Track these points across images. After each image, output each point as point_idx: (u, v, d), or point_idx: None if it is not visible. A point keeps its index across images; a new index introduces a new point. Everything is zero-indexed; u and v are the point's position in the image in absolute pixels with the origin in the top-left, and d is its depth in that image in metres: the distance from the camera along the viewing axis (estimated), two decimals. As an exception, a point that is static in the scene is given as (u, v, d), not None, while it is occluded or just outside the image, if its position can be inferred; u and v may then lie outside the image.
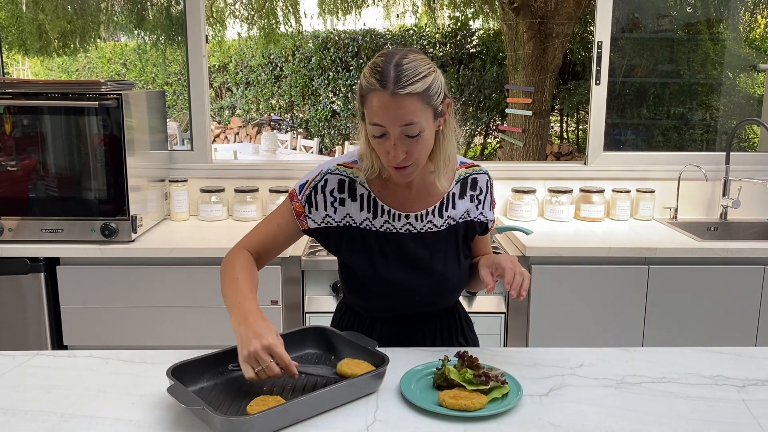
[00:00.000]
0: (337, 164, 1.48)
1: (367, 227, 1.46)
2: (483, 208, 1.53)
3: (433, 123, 1.35)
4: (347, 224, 1.47)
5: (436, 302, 1.54)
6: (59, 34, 6.38)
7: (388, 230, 1.46)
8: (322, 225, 1.47)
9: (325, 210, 1.46)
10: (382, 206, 1.46)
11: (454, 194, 1.49)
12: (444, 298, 1.55)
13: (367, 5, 7.91)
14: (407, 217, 1.46)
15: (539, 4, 6.10)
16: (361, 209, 1.46)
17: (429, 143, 1.36)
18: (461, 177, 1.50)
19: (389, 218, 1.46)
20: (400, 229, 1.46)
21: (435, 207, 1.48)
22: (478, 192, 1.52)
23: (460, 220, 1.50)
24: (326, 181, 1.46)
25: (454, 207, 1.49)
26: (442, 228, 1.48)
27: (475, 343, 1.64)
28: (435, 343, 1.55)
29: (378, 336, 1.51)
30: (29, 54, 7.23)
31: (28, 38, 6.41)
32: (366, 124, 1.35)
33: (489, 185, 1.54)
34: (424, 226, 1.47)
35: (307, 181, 1.47)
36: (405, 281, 1.46)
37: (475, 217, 1.52)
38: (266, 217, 1.53)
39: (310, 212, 1.47)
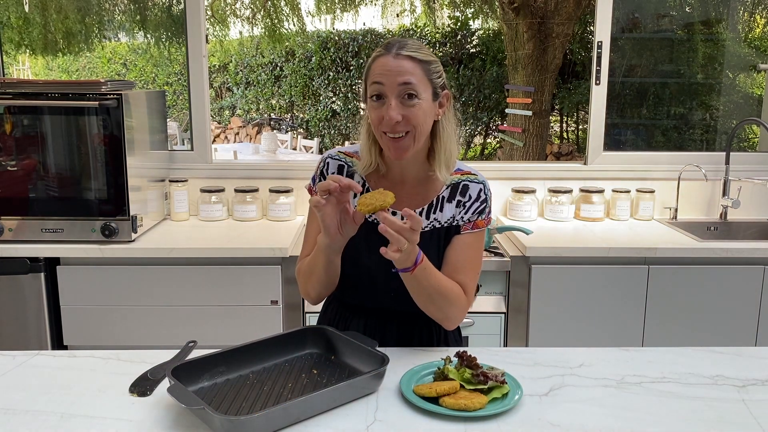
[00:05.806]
0: (339, 151, 1.54)
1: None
2: (466, 213, 1.47)
3: (433, 104, 1.38)
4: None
5: (410, 302, 1.45)
6: (65, 34, 6.39)
7: (375, 221, 1.43)
8: None
9: None
10: None
11: (443, 197, 1.48)
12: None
13: (365, 3, 7.91)
14: (394, 213, 1.44)
15: (539, 4, 6.10)
16: (354, 195, 1.43)
17: (426, 117, 1.38)
18: (453, 182, 1.48)
19: None
20: None
21: (424, 209, 1.47)
22: (467, 199, 1.47)
23: (445, 224, 1.47)
24: (328, 164, 1.53)
25: (441, 210, 1.47)
26: (426, 229, 1.46)
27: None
28: (411, 345, 1.51)
29: (354, 328, 1.50)
30: (36, 53, 7.23)
31: (35, 38, 6.42)
32: (368, 99, 1.38)
33: (481, 195, 1.48)
34: None
35: (315, 170, 1.55)
36: (382, 272, 1.43)
37: (457, 221, 1.48)
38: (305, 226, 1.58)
39: None
